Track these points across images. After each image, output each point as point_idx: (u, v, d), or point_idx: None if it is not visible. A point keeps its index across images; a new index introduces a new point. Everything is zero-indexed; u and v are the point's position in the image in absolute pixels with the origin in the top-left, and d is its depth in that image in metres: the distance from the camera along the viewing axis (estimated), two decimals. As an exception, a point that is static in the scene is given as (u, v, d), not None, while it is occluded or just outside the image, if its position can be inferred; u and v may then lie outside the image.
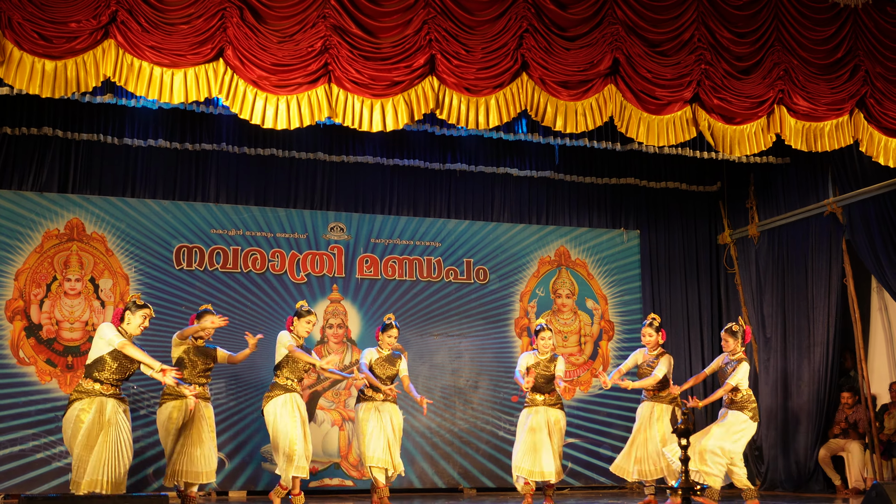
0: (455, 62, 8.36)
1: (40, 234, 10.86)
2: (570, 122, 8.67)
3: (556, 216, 12.93)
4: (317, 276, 11.76)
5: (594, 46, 8.72)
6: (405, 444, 11.47)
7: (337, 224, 11.96)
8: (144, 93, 7.83)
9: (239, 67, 7.94)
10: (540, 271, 12.68)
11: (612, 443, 12.11)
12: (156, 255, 11.24)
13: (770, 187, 12.36)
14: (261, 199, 11.80)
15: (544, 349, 9.45)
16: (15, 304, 10.63)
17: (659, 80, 8.85)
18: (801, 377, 11.55)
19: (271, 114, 8.03)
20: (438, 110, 8.41)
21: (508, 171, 12.23)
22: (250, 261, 11.55)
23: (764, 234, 12.40)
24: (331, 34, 8.11)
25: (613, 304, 12.87)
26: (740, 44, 9.13)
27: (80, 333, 10.82)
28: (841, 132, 9.33)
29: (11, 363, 10.52)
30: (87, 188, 11.17)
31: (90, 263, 10.99)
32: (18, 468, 10.28)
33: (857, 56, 9.32)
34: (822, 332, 11.33)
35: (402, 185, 12.35)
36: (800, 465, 11.39)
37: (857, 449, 10.85)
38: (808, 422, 11.37)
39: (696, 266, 13.19)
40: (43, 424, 10.46)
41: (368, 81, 8.16)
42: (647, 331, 9.62)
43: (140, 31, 7.70)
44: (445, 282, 12.21)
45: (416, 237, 12.22)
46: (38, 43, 7.52)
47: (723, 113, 9.03)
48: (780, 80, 9.12)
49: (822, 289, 11.39)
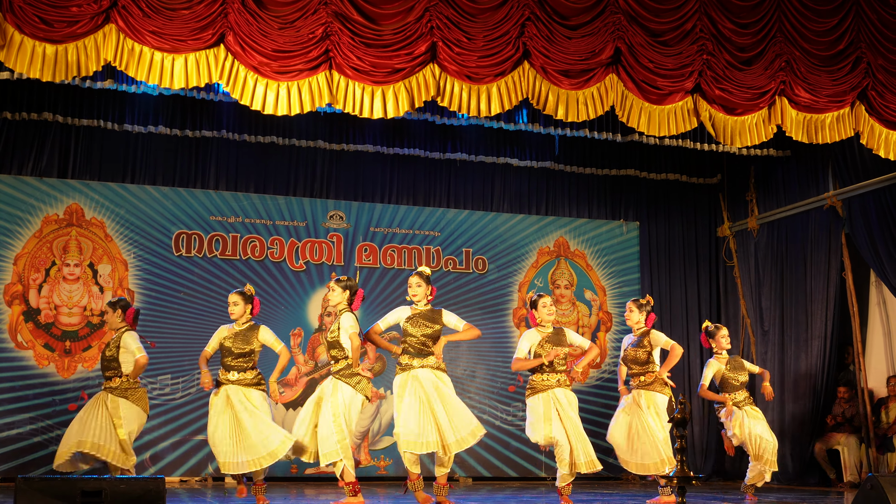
0: (456, 50, 8.35)
1: (40, 219, 10.86)
2: (571, 111, 8.66)
3: (556, 207, 12.93)
4: (316, 264, 11.76)
5: (596, 35, 8.70)
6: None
7: (336, 212, 11.96)
8: (145, 78, 7.81)
9: (240, 53, 7.92)
10: (539, 262, 12.68)
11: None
12: (155, 242, 11.25)
13: (770, 180, 12.35)
14: (260, 187, 11.80)
15: (548, 320, 8.22)
16: (14, 289, 10.63)
17: (660, 69, 8.84)
18: (798, 370, 11.56)
19: (272, 100, 8.02)
20: (439, 98, 8.40)
21: (508, 161, 12.22)
22: (249, 248, 11.55)
23: (763, 227, 12.40)
24: (332, 21, 8.09)
25: (612, 295, 12.88)
26: (742, 34, 9.11)
27: (79, 318, 10.82)
28: (842, 124, 9.32)
29: (10, 347, 10.53)
30: (87, 174, 11.16)
31: (89, 249, 10.99)
32: (16, 451, 10.31)
33: (858, 48, 9.30)
34: (820, 326, 11.33)
35: (402, 174, 12.35)
36: (795, 458, 11.41)
37: (853, 443, 10.85)
38: (804, 415, 11.37)
39: (695, 258, 13.19)
40: (40, 408, 10.49)
41: (369, 68, 8.14)
42: (631, 306, 8.95)
43: (141, 16, 7.67)
44: (444, 271, 12.22)
45: (415, 226, 12.22)
46: (39, 27, 7.50)
47: (724, 104, 9.02)
48: (782, 72, 9.11)
49: (820, 282, 11.39)
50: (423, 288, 7.96)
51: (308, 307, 11.65)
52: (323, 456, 7.47)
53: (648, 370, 8.66)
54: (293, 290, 11.61)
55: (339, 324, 7.65)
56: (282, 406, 11.27)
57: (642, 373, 8.67)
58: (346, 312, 7.71)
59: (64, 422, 10.36)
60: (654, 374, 8.61)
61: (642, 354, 8.69)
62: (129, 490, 5.31)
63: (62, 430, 10.27)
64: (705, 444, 12.53)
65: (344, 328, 7.60)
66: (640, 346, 8.71)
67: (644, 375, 8.65)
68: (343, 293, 7.75)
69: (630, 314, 8.93)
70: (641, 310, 8.85)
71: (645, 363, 8.68)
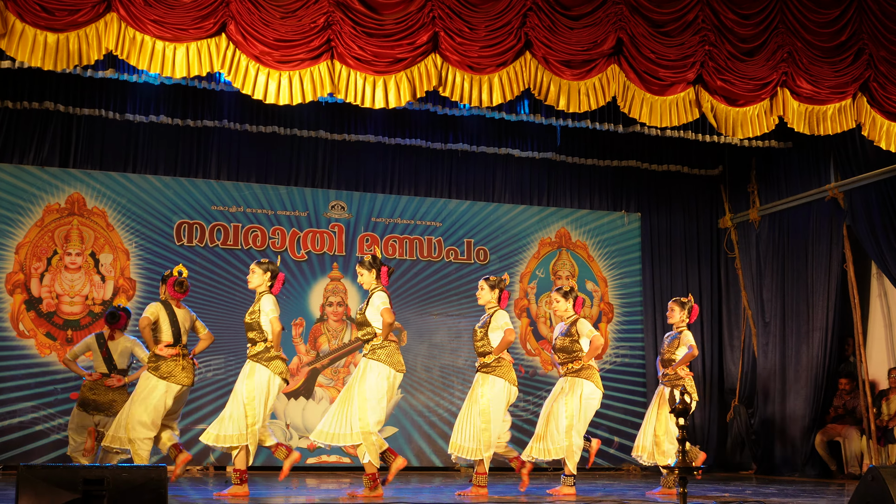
0: (458, 40, 8.34)
1: (41, 208, 10.87)
2: (573, 102, 8.65)
3: (557, 198, 12.92)
4: (317, 254, 11.77)
5: (598, 26, 8.69)
6: (402, 423, 11.51)
7: (338, 202, 11.96)
8: (146, 67, 7.80)
9: (241, 42, 7.91)
10: (540, 252, 12.68)
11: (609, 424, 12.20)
12: (156, 231, 11.26)
13: (772, 172, 12.34)
14: (262, 177, 11.80)
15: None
16: (15, 278, 10.65)
17: (662, 60, 8.83)
18: (799, 362, 11.57)
19: (273, 89, 8.02)
20: (441, 88, 8.39)
21: (510, 151, 12.21)
22: (251, 238, 11.56)
23: (765, 219, 12.40)
24: (334, 10, 8.08)
25: (613, 286, 12.88)
26: (745, 25, 9.10)
27: (80, 307, 10.84)
28: (843, 116, 9.30)
29: (11, 335, 10.56)
30: (89, 163, 11.17)
31: (91, 238, 11.00)
32: (18, 439, 10.34)
33: (861, 39, 9.28)
34: (822, 318, 11.33)
35: (404, 165, 12.35)
36: (796, 449, 11.42)
37: (854, 435, 10.86)
38: (805, 407, 11.38)
39: (697, 250, 13.18)
40: (42, 397, 10.52)
41: (371, 58, 8.14)
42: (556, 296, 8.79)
43: (142, 5, 7.67)
44: (446, 261, 12.22)
45: (416, 217, 12.22)
46: (41, 15, 7.50)
47: (726, 95, 9.01)
48: (784, 63, 9.09)
49: (822, 274, 11.39)
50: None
51: (310, 297, 11.66)
52: (225, 438, 7.49)
53: (575, 357, 8.45)
54: (294, 280, 11.61)
55: (259, 306, 7.68)
56: (283, 396, 11.29)
57: (570, 360, 8.48)
58: (266, 295, 7.75)
59: (65, 410, 10.42)
60: (581, 361, 8.42)
61: (569, 343, 8.49)
62: (131, 478, 5.30)
63: (64, 418, 10.36)
64: (706, 434, 12.54)
65: (265, 311, 7.64)
66: (568, 334, 8.53)
67: (572, 363, 8.47)
68: (264, 276, 7.79)
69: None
70: (568, 297, 8.65)
71: (572, 351, 8.48)
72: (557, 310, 8.68)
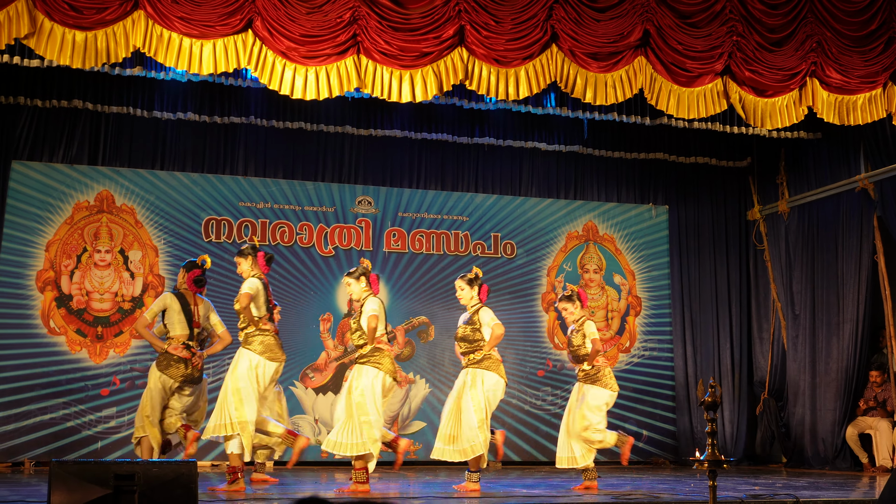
0: (484, 33, 8.33)
1: (71, 205, 10.94)
2: (599, 95, 8.63)
3: (584, 191, 12.88)
4: (344, 250, 11.78)
5: (624, 17, 8.65)
6: (430, 417, 11.51)
7: (365, 198, 11.98)
8: (174, 64, 7.85)
9: (268, 38, 7.94)
10: (567, 246, 12.65)
11: (637, 418, 12.17)
12: (185, 228, 11.31)
13: (801, 163, 12.24)
14: (289, 172, 11.83)
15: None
16: (46, 275, 10.73)
17: (690, 51, 8.78)
18: (829, 354, 11.48)
19: (300, 85, 8.05)
20: (467, 81, 8.39)
21: (536, 145, 12.17)
22: (278, 233, 11.59)
23: (794, 210, 12.30)
24: (359, 5, 8.09)
25: (641, 279, 12.82)
26: (773, 15, 9.03)
27: (110, 304, 10.91)
28: (874, 105, 9.22)
29: (42, 332, 10.63)
30: (117, 160, 11.24)
31: (120, 235, 11.07)
32: (49, 436, 10.41)
33: (891, 28, 9.19)
34: (852, 310, 11.23)
35: (430, 159, 12.35)
36: (827, 442, 11.34)
37: (886, 427, 10.78)
38: (836, 399, 11.29)
39: (725, 242, 13.10)
40: (73, 393, 10.59)
41: (397, 52, 8.14)
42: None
43: (169, 2, 7.72)
44: (473, 256, 12.21)
45: (443, 211, 12.21)
46: (69, 14, 7.56)
47: (754, 85, 8.95)
48: (813, 53, 9.02)
49: (852, 265, 11.29)
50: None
51: (337, 292, 11.68)
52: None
53: (477, 347, 8.15)
54: (322, 275, 11.64)
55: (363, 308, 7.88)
56: (311, 391, 11.32)
57: (471, 350, 8.18)
58: (370, 297, 8.00)
59: (96, 407, 10.50)
60: (482, 351, 8.12)
61: (471, 332, 8.18)
62: (162, 473, 5.34)
63: (95, 415, 10.43)
64: (735, 428, 12.48)
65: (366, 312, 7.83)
66: (470, 322, 8.23)
67: (474, 353, 8.15)
68: (359, 283, 8.02)
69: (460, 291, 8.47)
70: (472, 285, 8.30)
71: (474, 341, 8.18)
72: (462, 298, 8.35)
